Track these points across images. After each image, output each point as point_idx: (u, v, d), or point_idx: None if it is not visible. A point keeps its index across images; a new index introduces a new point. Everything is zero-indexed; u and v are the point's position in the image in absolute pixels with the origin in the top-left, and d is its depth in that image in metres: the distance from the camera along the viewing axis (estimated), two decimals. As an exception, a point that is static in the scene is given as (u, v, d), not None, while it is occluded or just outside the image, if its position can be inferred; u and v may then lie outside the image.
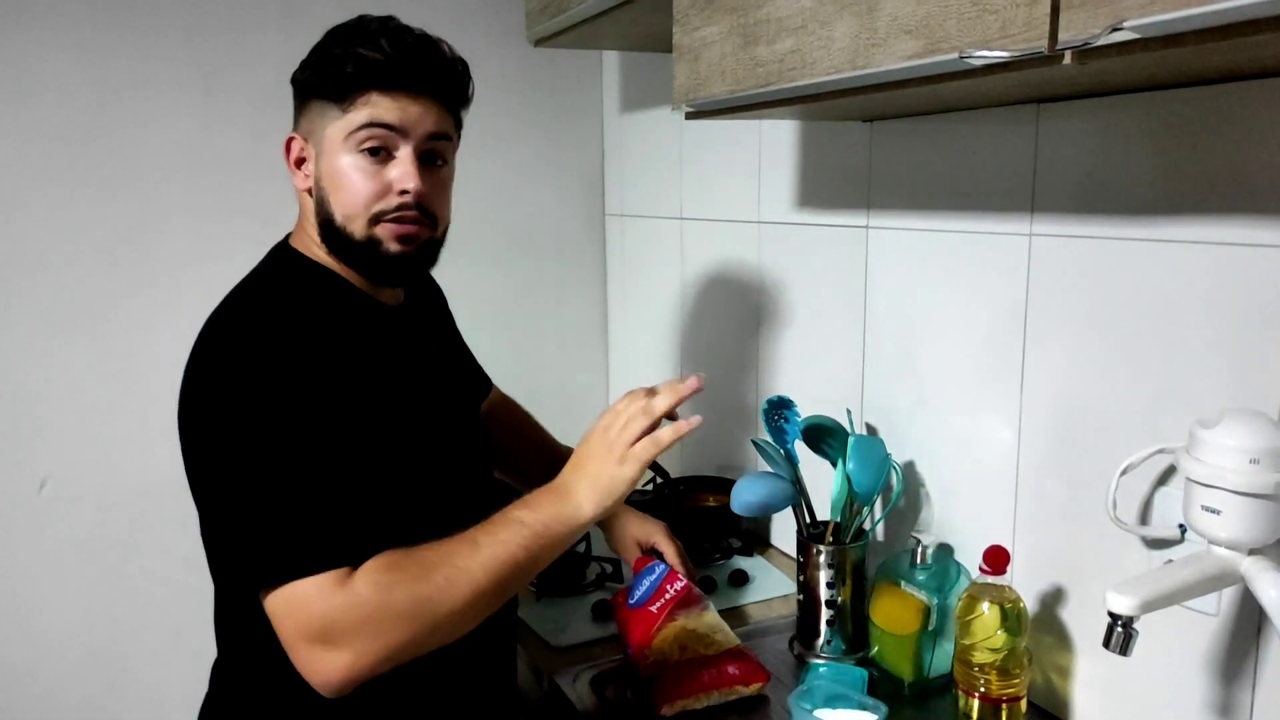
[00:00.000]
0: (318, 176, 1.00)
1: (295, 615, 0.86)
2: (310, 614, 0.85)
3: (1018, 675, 1.08)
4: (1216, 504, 0.83)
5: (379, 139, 0.97)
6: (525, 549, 0.93)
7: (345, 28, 1.00)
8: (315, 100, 0.99)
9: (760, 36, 0.98)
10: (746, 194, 1.70)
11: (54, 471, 1.82)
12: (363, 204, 0.98)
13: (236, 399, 0.90)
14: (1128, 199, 1.02)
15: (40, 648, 1.86)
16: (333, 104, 0.97)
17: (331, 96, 0.97)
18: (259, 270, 1.04)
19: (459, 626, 0.91)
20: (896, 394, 1.38)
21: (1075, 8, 0.64)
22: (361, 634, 0.85)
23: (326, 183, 0.99)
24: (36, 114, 1.73)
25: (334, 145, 0.98)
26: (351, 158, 0.97)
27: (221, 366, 0.92)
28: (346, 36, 0.98)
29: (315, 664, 0.86)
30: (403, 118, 0.98)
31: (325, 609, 0.85)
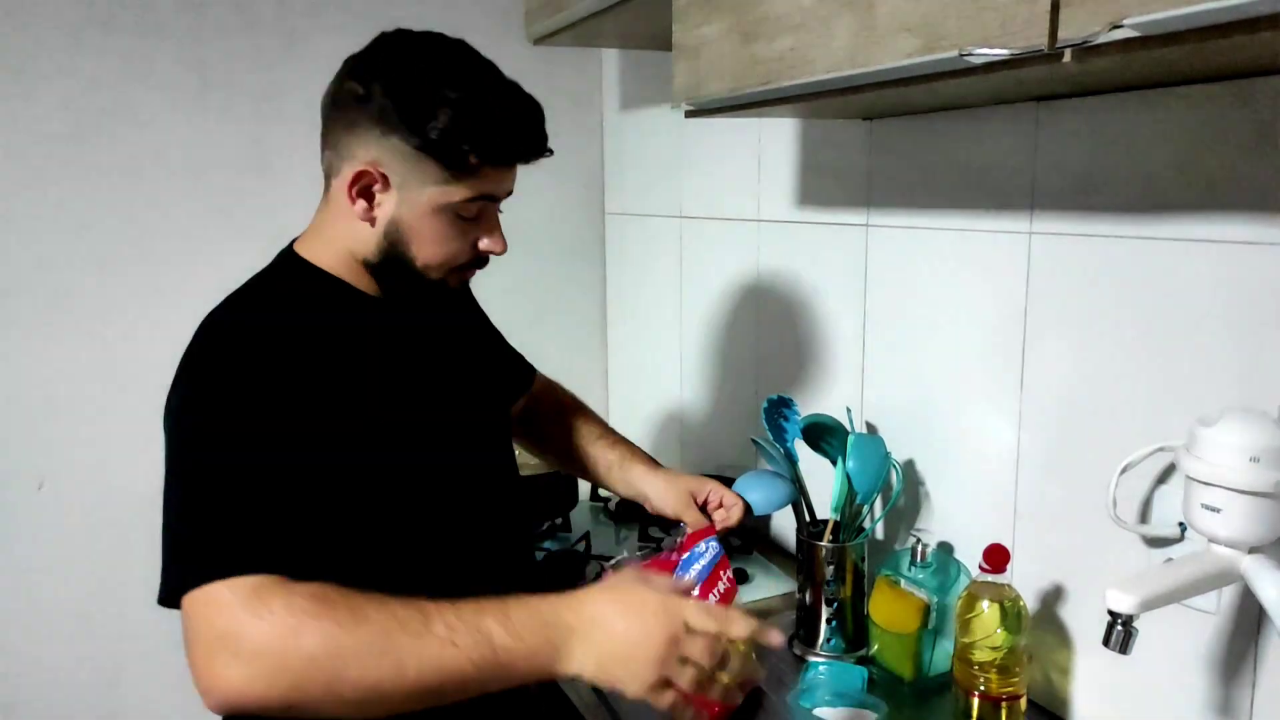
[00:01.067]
0: (396, 219, 0.95)
1: (202, 616, 0.79)
2: (216, 618, 0.79)
3: (1017, 673, 1.08)
4: (1216, 502, 0.83)
5: (480, 209, 0.98)
6: (476, 667, 0.78)
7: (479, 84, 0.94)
8: (411, 150, 0.92)
9: (760, 34, 0.97)
10: (746, 193, 1.70)
11: (52, 471, 1.82)
12: (450, 260, 0.99)
13: (205, 397, 0.89)
14: (1127, 197, 1.01)
15: (39, 647, 1.86)
16: (442, 168, 0.93)
17: (448, 164, 0.93)
18: (261, 275, 1.03)
19: (364, 708, 0.78)
20: (896, 393, 1.38)
21: (1075, 6, 0.64)
22: (259, 655, 0.77)
23: (410, 234, 0.96)
24: (35, 114, 1.73)
25: (430, 206, 0.95)
26: (447, 220, 0.96)
27: (202, 365, 0.92)
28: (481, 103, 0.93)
29: (208, 670, 0.78)
30: (504, 187, 0.99)
31: (231, 617, 0.78)
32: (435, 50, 0.96)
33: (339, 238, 0.99)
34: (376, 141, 0.92)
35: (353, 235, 0.98)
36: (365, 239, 0.97)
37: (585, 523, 1.83)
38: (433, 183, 0.93)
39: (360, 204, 0.95)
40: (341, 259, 1.00)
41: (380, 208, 0.95)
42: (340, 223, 0.98)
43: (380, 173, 0.93)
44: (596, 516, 1.88)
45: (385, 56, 0.96)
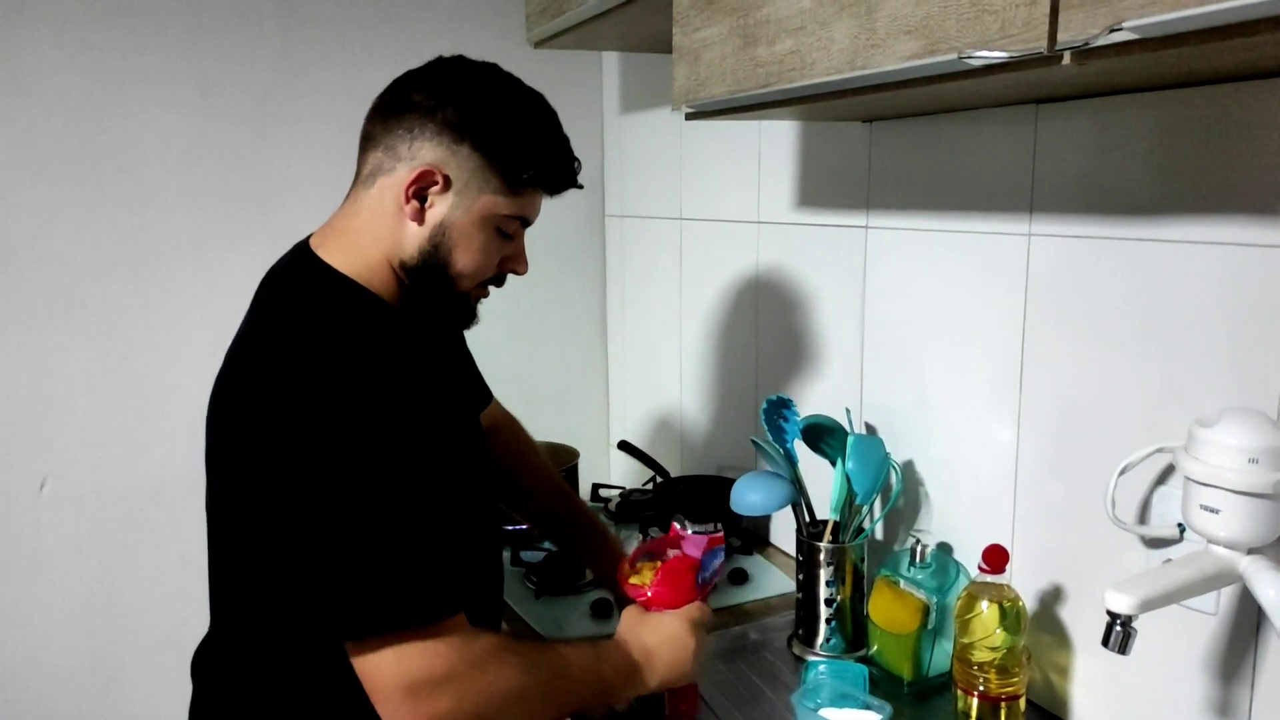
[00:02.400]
0: (447, 223, 0.98)
1: (399, 664, 0.86)
2: (429, 661, 0.87)
3: (1017, 674, 1.08)
4: (1215, 503, 0.83)
5: (516, 229, 1.04)
6: (596, 700, 1.02)
7: (524, 102, 1.02)
8: (480, 157, 0.97)
9: (760, 37, 0.98)
10: (746, 194, 1.70)
11: (54, 471, 1.82)
12: (484, 271, 1.03)
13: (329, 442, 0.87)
14: (1127, 199, 1.02)
15: (39, 646, 1.86)
16: (502, 179, 0.98)
17: (507, 176, 0.98)
18: (297, 289, 0.99)
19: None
20: (896, 394, 1.39)
21: (1074, 8, 0.64)
22: (465, 689, 0.88)
23: (459, 238, 0.99)
24: (34, 112, 1.73)
25: (483, 212, 0.99)
26: (491, 231, 1.01)
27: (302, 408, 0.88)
28: (532, 120, 1.01)
29: (415, 708, 0.87)
30: (535, 213, 1.06)
31: (440, 659, 0.87)
32: (499, 76, 1.02)
33: (374, 241, 0.99)
34: (446, 146, 0.96)
35: (392, 237, 0.98)
36: (408, 240, 0.98)
37: (585, 523, 1.83)
38: (489, 192, 0.98)
39: (413, 204, 0.97)
40: (370, 264, 0.99)
41: (432, 209, 0.97)
42: (379, 224, 0.98)
43: (443, 174, 0.96)
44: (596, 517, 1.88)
45: (455, 74, 1.00)
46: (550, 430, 2.25)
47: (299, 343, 0.92)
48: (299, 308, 0.96)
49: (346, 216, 1.01)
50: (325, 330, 0.94)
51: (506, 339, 2.20)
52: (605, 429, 2.36)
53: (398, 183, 0.96)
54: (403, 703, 0.86)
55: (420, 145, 0.96)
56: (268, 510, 0.89)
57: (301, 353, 0.91)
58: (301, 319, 0.95)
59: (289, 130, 1.91)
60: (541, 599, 1.48)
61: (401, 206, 0.96)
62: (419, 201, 0.97)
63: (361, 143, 1.01)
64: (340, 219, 1.02)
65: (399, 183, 0.96)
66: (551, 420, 2.27)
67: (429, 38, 2.01)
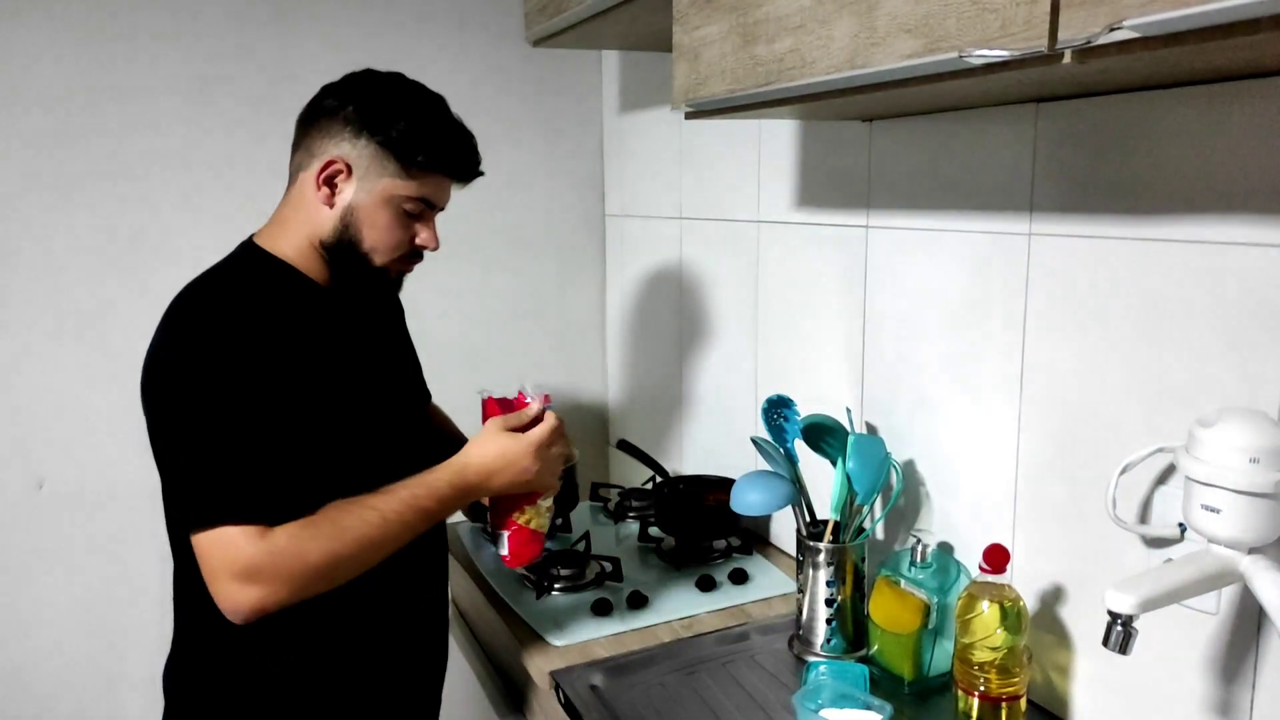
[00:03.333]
0: (352, 205, 1.14)
1: (222, 553, 1.02)
2: (235, 554, 1.01)
3: (1017, 674, 1.08)
4: (1216, 503, 0.83)
5: (422, 210, 1.18)
6: (425, 525, 1.13)
7: (419, 97, 1.17)
8: (377, 147, 1.12)
9: (760, 36, 0.98)
10: (746, 194, 1.70)
11: (53, 471, 1.82)
12: (393, 248, 1.17)
13: (196, 369, 1.04)
14: (1127, 199, 1.02)
15: (39, 646, 1.86)
16: (397, 163, 1.13)
17: (400, 159, 1.13)
18: (226, 262, 1.18)
19: (355, 574, 1.08)
20: (896, 393, 1.39)
21: (1075, 6, 0.64)
22: (276, 578, 1.02)
23: (364, 218, 1.15)
24: (31, 116, 1.73)
25: (384, 195, 1.14)
26: (394, 211, 1.15)
27: (184, 343, 1.07)
28: (423, 111, 1.16)
29: (232, 597, 1.02)
30: (444, 198, 1.21)
31: (250, 553, 1.01)
32: (400, 80, 1.18)
33: (298, 225, 1.16)
34: (348, 140, 1.13)
35: (311, 221, 1.15)
36: (324, 222, 1.15)
37: (585, 522, 1.83)
38: (388, 175, 1.13)
39: (324, 190, 1.14)
40: (297, 246, 1.16)
41: (341, 195, 1.14)
42: (301, 212, 1.16)
43: (346, 163, 1.13)
44: (596, 516, 1.88)
45: (359, 82, 1.16)
46: (550, 430, 2.25)
47: (200, 294, 1.12)
48: (215, 271, 1.15)
49: (280, 209, 1.20)
50: (225, 286, 1.12)
51: (506, 338, 2.20)
52: (605, 429, 2.36)
53: (311, 175, 1.14)
54: (225, 592, 1.02)
55: (329, 141, 1.13)
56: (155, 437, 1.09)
57: (198, 299, 1.11)
58: (212, 278, 1.14)
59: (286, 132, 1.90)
60: (542, 599, 1.48)
61: (316, 194, 1.14)
62: (329, 188, 1.13)
63: (291, 150, 1.19)
64: (276, 213, 1.20)
65: (313, 175, 1.13)
66: (551, 420, 2.27)
67: (427, 38, 2.01)
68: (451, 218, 2.11)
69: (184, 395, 1.05)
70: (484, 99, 2.09)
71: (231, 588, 1.02)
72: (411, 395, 1.38)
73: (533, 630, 1.38)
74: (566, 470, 1.76)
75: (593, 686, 1.24)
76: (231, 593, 1.02)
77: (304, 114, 1.17)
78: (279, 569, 1.02)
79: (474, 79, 2.07)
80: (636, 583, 1.53)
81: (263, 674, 1.15)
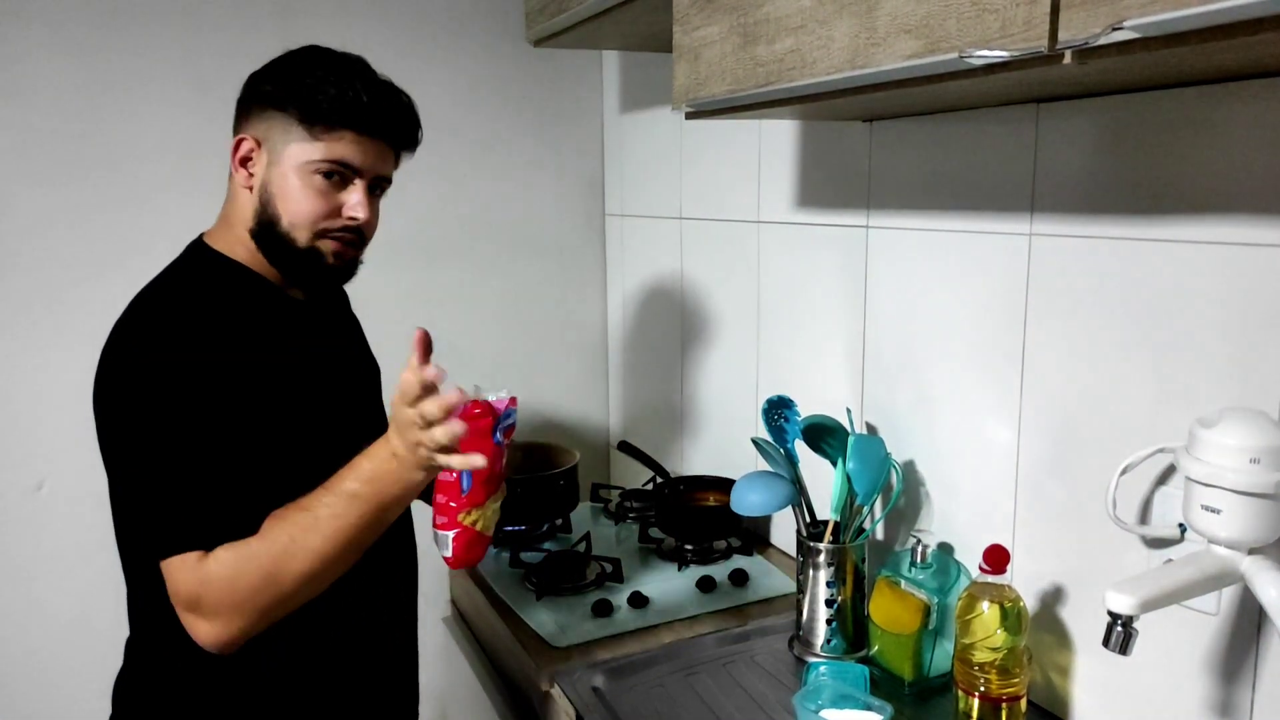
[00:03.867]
0: (265, 181, 1.07)
1: (172, 585, 0.97)
2: (182, 586, 0.97)
3: (1018, 674, 1.08)
4: (1216, 503, 0.83)
5: (339, 172, 1.07)
6: (361, 517, 0.99)
7: (325, 57, 1.08)
8: (279, 113, 1.05)
9: (760, 36, 0.98)
10: (746, 194, 1.70)
11: (53, 471, 1.82)
12: (311, 219, 1.07)
13: (139, 387, 0.99)
14: (1127, 199, 1.02)
15: (39, 646, 1.86)
16: (300, 125, 1.04)
17: (302, 120, 1.04)
18: (173, 266, 1.11)
19: (310, 591, 1.00)
20: (896, 394, 1.39)
21: (1075, 7, 0.64)
22: (221, 605, 0.96)
23: (276, 191, 1.06)
24: (32, 112, 1.73)
25: (293, 163, 1.05)
26: (308, 178, 1.06)
27: (130, 357, 1.01)
28: (326, 68, 1.06)
29: (192, 628, 0.98)
30: (364, 160, 1.07)
31: (190, 583, 0.96)
32: (312, 49, 1.09)
33: (235, 219, 1.10)
34: (257, 117, 1.07)
35: (240, 210, 1.09)
36: (248, 207, 1.08)
37: (585, 523, 1.83)
38: (295, 140, 1.05)
39: (242, 173, 1.08)
40: (243, 241, 1.10)
41: (255, 174, 1.07)
42: (234, 203, 1.10)
43: (253, 138, 1.06)
44: (596, 517, 1.88)
45: (272, 61, 1.10)
46: (550, 430, 2.25)
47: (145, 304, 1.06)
48: (164, 276, 1.10)
49: (224, 205, 1.13)
50: (170, 293, 1.06)
51: (506, 338, 2.20)
52: (605, 429, 2.36)
53: (232, 154, 1.08)
54: (188, 625, 0.98)
55: (244, 123, 1.08)
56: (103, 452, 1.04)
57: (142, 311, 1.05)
58: (160, 285, 1.08)
59: (288, 130, 1.91)
60: (542, 600, 1.48)
61: (237, 179, 1.08)
62: (245, 170, 1.07)
63: None
64: (222, 209, 1.14)
65: (232, 153, 1.08)
66: (551, 420, 2.27)
67: (429, 38, 2.01)
68: (452, 217, 2.12)
69: (127, 413, 1.00)
70: (484, 99, 2.09)
71: (189, 620, 0.98)
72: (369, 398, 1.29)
73: (533, 631, 1.38)
74: (567, 470, 1.76)
75: (593, 687, 1.24)
76: (191, 625, 0.98)
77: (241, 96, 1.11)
78: (219, 597, 0.96)
79: (474, 79, 2.07)
80: (637, 583, 1.53)
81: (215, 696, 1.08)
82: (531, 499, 1.71)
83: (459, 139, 2.07)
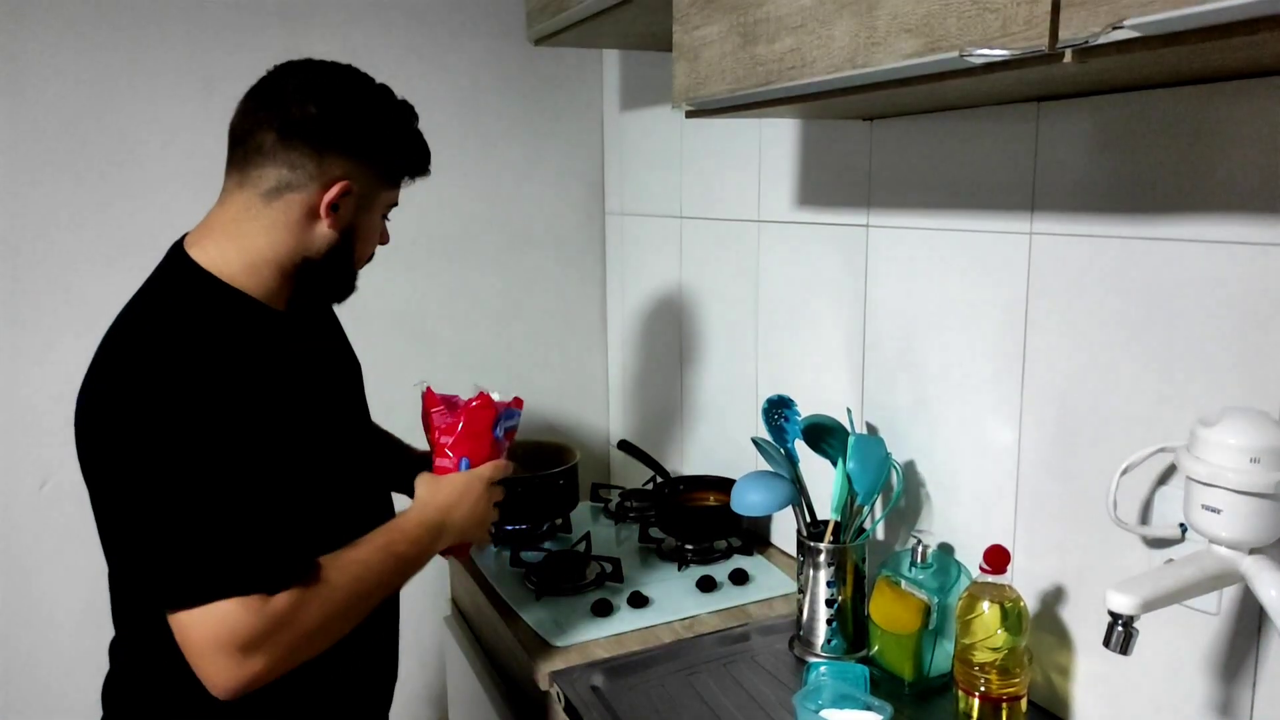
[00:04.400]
0: (354, 225, 1.10)
1: (217, 629, 0.94)
2: (235, 627, 0.94)
3: (1018, 674, 1.08)
4: (1217, 503, 0.83)
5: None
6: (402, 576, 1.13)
7: (393, 107, 1.12)
8: (366, 162, 1.08)
9: (760, 35, 0.97)
10: (746, 193, 1.70)
11: (54, 470, 1.82)
12: (371, 252, 1.17)
13: (148, 421, 0.93)
14: (1128, 198, 1.01)
15: (41, 645, 1.86)
16: (389, 179, 1.13)
17: (387, 174, 1.12)
18: (161, 286, 1.07)
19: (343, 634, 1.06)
20: (896, 393, 1.38)
21: (1075, 6, 0.64)
22: (278, 647, 0.97)
23: (361, 232, 1.12)
24: (37, 110, 1.73)
25: (381, 208, 1.14)
26: (379, 219, 1.15)
27: (129, 389, 0.95)
28: (400, 120, 1.13)
29: (229, 671, 0.95)
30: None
31: (252, 624, 0.94)
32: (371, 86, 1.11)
33: (271, 244, 1.06)
34: (338, 160, 1.06)
35: (298, 240, 1.07)
36: (317, 240, 1.08)
37: (585, 523, 1.83)
38: (382, 189, 1.12)
39: (328, 217, 1.07)
40: (248, 264, 1.06)
41: (341, 213, 1.08)
42: (283, 231, 1.06)
43: (350, 185, 1.07)
44: (596, 517, 1.88)
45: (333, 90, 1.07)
46: (550, 430, 2.25)
47: (149, 335, 1.00)
48: (161, 304, 1.04)
49: (235, 222, 1.07)
50: (177, 324, 1.00)
51: (506, 337, 2.20)
52: (605, 429, 2.36)
53: (311, 197, 1.05)
54: (220, 668, 0.95)
55: (331, 163, 1.05)
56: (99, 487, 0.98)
57: (149, 343, 0.99)
58: (160, 314, 1.02)
59: (289, 129, 1.91)
60: (542, 599, 1.48)
61: (315, 216, 1.06)
62: (331, 211, 1.07)
63: (250, 154, 1.07)
64: (225, 223, 1.07)
65: (313, 197, 1.05)
66: (551, 420, 2.27)
67: (429, 38, 2.01)
68: (452, 215, 2.12)
69: (138, 453, 0.93)
70: (485, 98, 2.09)
71: (228, 663, 0.94)
72: (363, 414, 1.32)
73: (533, 631, 1.38)
74: (567, 470, 1.77)
75: (593, 687, 1.23)
76: (229, 668, 0.95)
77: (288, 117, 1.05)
78: (282, 638, 0.96)
79: (475, 78, 2.07)
80: (637, 583, 1.53)
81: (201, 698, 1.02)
82: (531, 499, 1.71)
83: (459, 138, 2.07)
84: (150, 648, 1.05)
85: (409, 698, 2.17)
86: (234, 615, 0.93)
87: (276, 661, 0.97)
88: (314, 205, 1.05)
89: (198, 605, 0.93)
